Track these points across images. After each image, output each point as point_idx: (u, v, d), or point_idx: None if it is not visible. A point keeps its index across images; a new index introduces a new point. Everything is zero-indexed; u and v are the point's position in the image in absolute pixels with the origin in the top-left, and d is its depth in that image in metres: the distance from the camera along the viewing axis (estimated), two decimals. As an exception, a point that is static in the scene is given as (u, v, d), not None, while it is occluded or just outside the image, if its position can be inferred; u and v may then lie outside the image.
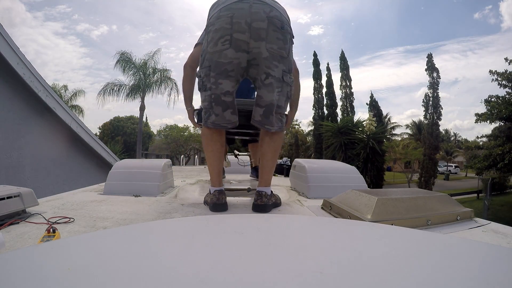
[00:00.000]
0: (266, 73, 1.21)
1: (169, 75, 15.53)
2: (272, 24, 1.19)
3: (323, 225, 0.70)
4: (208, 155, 1.35)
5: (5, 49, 3.26)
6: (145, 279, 0.35)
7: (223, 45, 1.19)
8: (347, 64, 19.70)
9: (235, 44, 1.18)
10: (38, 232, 0.96)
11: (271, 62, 1.21)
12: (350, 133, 13.24)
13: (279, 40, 1.21)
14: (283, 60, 1.24)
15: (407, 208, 1.09)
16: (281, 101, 1.28)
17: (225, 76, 1.21)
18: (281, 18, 1.23)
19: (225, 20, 1.19)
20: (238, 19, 1.17)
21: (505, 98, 11.24)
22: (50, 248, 0.48)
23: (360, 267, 0.40)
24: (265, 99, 1.25)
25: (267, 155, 1.35)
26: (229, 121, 1.28)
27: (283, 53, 1.23)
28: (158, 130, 30.58)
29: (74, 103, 16.89)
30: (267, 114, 1.27)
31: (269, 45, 1.19)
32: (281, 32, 1.21)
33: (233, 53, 1.18)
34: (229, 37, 1.18)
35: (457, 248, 0.50)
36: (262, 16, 1.18)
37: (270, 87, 1.23)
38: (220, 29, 1.19)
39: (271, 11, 1.20)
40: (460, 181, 26.06)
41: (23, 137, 3.76)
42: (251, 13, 1.17)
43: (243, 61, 1.20)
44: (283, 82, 1.25)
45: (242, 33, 1.17)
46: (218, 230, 0.59)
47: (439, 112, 16.78)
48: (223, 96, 1.23)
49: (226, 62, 1.20)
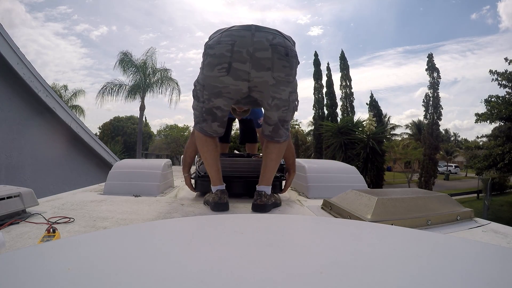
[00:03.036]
0: (272, 97, 1.23)
1: (170, 75, 15.55)
2: (276, 52, 1.16)
3: (323, 225, 0.70)
4: (204, 156, 1.36)
5: (5, 49, 3.26)
6: (145, 279, 0.35)
7: (219, 71, 1.17)
8: (347, 64, 19.70)
9: (234, 73, 1.16)
10: (38, 232, 0.96)
11: (278, 88, 1.22)
12: (350, 133, 13.24)
13: (286, 68, 1.19)
14: (290, 84, 1.26)
15: (407, 208, 1.09)
16: (288, 116, 1.34)
17: (219, 96, 1.23)
18: (285, 44, 1.19)
19: (225, 47, 1.15)
20: (240, 47, 1.14)
21: (505, 98, 11.25)
22: (50, 248, 0.48)
23: (360, 267, 0.40)
24: (273, 119, 1.31)
25: (271, 155, 1.37)
26: (215, 131, 1.33)
27: (290, 79, 1.24)
28: (158, 130, 30.68)
29: (74, 103, 16.90)
30: (276, 130, 1.33)
31: (276, 74, 1.18)
32: (286, 59, 1.18)
33: (230, 81, 1.18)
34: (227, 65, 1.15)
35: (457, 248, 0.50)
36: (265, 45, 1.15)
37: (276, 108, 1.27)
38: (219, 56, 1.16)
39: (274, 38, 1.17)
40: (460, 181, 26.07)
41: (23, 137, 3.75)
42: (254, 42, 1.14)
43: (243, 88, 1.21)
44: (289, 101, 1.29)
45: (242, 63, 1.15)
46: (218, 230, 0.59)
47: (439, 112, 16.79)
48: (215, 109, 1.27)
49: (221, 86, 1.20)
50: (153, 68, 15.13)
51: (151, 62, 15.01)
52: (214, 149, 1.36)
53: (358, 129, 13.51)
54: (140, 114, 16.20)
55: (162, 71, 15.37)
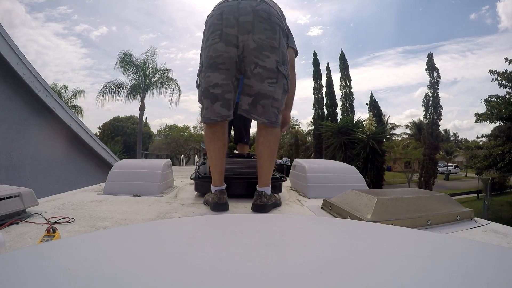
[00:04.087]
0: (255, 63, 1.22)
1: (170, 75, 15.54)
2: (257, 16, 1.22)
3: (323, 225, 0.70)
4: (210, 154, 1.34)
5: (5, 49, 3.26)
6: (145, 279, 0.35)
7: (213, 39, 1.23)
8: (347, 64, 19.71)
9: (225, 38, 1.21)
10: (38, 232, 0.96)
11: (260, 53, 1.22)
12: (350, 133, 13.23)
13: (267, 31, 1.22)
14: (275, 51, 1.23)
15: (407, 208, 1.09)
16: (277, 93, 1.26)
17: (214, 69, 1.23)
18: (269, 10, 1.25)
19: (216, 17, 1.25)
20: (227, 14, 1.22)
21: (505, 98, 11.24)
22: (50, 248, 0.48)
23: (360, 267, 0.40)
24: (254, 88, 1.24)
25: (263, 155, 1.34)
26: (219, 114, 1.25)
27: (274, 43, 1.23)
28: (158, 130, 30.63)
29: (74, 103, 16.90)
30: (255, 103, 1.25)
31: (256, 36, 1.21)
32: (268, 23, 1.23)
33: (223, 47, 1.22)
34: (220, 31, 1.22)
35: (457, 248, 0.50)
36: (248, 10, 1.22)
37: (259, 77, 1.22)
38: (212, 25, 1.25)
39: (258, 5, 1.24)
40: (460, 181, 26.06)
41: (23, 137, 3.75)
42: (239, 8, 1.22)
43: (234, 55, 1.22)
44: (278, 72, 1.24)
45: (231, 28, 1.21)
46: (218, 230, 0.59)
47: (439, 112, 16.80)
48: (211, 89, 1.24)
49: (216, 55, 1.22)
50: (153, 68, 15.12)
51: (152, 62, 15.02)
52: (221, 148, 1.33)
53: (358, 129, 13.50)
54: (140, 114, 16.19)
55: (162, 71, 15.36)
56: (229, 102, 1.26)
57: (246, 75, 1.25)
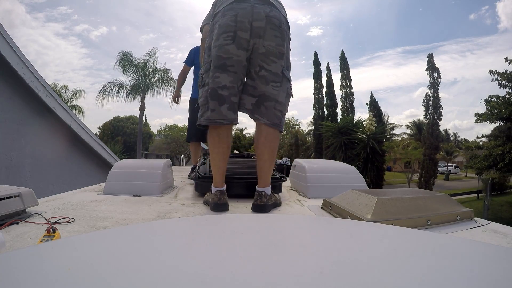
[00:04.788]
0: (260, 66, 1.25)
1: (170, 75, 15.53)
2: (270, 22, 1.23)
3: (323, 225, 0.70)
4: (213, 156, 1.34)
5: (5, 49, 3.26)
6: (145, 279, 0.35)
7: (225, 39, 1.23)
8: (347, 64, 19.72)
9: (238, 41, 1.22)
10: (38, 232, 0.96)
11: (267, 57, 1.25)
12: (350, 133, 13.24)
13: (277, 38, 1.25)
14: (282, 57, 1.28)
15: (407, 208, 1.09)
16: (281, 96, 1.30)
17: (223, 70, 1.23)
18: (279, 17, 1.27)
19: (230, 18, 1.23)
20: (242, 18, 1.23)
21: (505, 98, 11.24)
22: (50, 248, 0.48)
23: (360, 267, 0.40)
24: (258, 89, 1.27)
25: (263, 156, 1.34)
26: (225, 117, 1.25)
27: (282, 50, 1.27)
28: (158, 130, 30.67)
29: (74, 103, 16.91)
30: (258, 104, 1.28)
31: (266, 42, 1.24)
32: (279, 30, 1.26)
33: (234, 49, 1.22)
34: (233, 33, 1.22)
35: (457, 248, 0.50)
36: (261, 16, 1.23)
37: (264, 79, 1.26)
38: (224, 25, 1.24)
39: (271, 11, 1.25)
40: (460, 181, 26.05)
41: (23, 137, 3.75)
42: (253, 13, 1.22)
43: (243, 59, 1.24)
44: (283, 77, 1.28)
45: (245, 32, 1.22)
46: (218, 230, 0.59)
47: (439, 112, 16.80)
48: (220, 90, 1.23)
49: (226, 57, 1.23)
50: (154, 68, 15.12)
51: (152, 62, 15.02)
52: (225, 151, 1.33)
53: (358, 129, 13.51)
54: (140, 114, 16.18)
55: (162, 71, 15.36)
56: (234, 106, 1.27)
57: (249, 76, 1.29)
